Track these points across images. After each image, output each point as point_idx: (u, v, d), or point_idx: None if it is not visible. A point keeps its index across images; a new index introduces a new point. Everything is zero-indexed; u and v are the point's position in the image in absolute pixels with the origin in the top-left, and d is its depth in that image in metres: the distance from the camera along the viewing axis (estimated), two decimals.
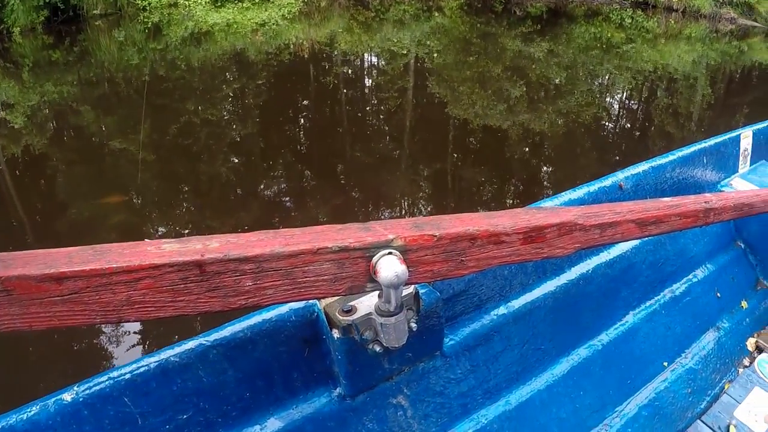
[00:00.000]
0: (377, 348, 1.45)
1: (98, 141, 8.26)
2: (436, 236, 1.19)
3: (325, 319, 1.47)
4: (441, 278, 1.24)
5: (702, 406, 2.32)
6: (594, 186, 2.24)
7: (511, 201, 7.31)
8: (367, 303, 1.42)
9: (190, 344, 1.37)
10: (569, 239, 1.40)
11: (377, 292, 1.29)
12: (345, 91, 11.68)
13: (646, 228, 1.61)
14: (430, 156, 8.48)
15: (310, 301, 1.45)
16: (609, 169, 2.53)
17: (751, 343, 2.63)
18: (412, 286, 1.47)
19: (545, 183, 8.03)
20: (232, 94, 10.60)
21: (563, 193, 2.15)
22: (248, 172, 7.60)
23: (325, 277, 1.10)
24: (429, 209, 7.11)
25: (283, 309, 1.45)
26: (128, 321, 0.99)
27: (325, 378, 1.56)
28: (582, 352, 2.15)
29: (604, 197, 2.25)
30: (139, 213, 6.45)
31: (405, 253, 1.16)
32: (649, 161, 2.52)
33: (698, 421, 2.19)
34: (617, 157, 8.73)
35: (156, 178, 7.16)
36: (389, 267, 1.12)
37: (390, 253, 1.14)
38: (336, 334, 1.44)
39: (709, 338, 2.55)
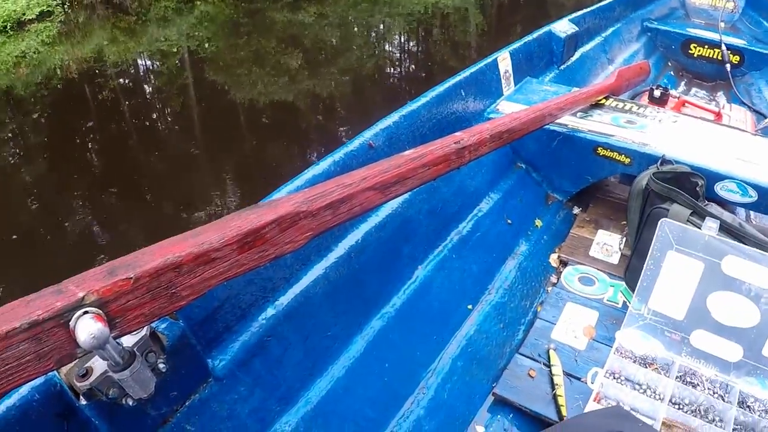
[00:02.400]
0: (130, 402, 1.34)
1: None
2: (132, 278, 1.07)
3: (68, 389, 1.32)
4: (157, 318, 1.14)
5: (518, 338, 2.27)
6: (339, 153, 2.11)
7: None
8: (102, 361, 1.28)
9: None
10: (297, 230, 1.31)
11: None
12: (126, 102, 11.22)
13: (389, 190, 1.53)
14: (227, 145, 8.28)
15: (48, 374, 1.28)
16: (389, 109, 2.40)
17: (554, 259, 2.60)
18: (145, 327, 1.32)
19: (343, 137, 8.01)
20: (10, 136, 9.93)
21: (304, 172, 2.00)
22: (47, 214, 7.12)
23: (27, 357, 0.98)
24: (239, 195, 7.02)
25: (24, 390, 1.28)
26: None
27: None
28: (375, 324, 2.04)
29: (355, 162, 2.11)
30: None
31: (103, 306, 1.04)
32: (400, 109, 2.43)
33: (517, 354, 2.13)
34: (407, 97, 8.80)
35: None
36: (84, 330, 1.00)
37: (85, 313, 1.02)
38: (82, 400, 1.31)
39: (509, 267, 2.51)
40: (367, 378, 1.92)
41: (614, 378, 1.98)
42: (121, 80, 12.48)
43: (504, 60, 3.09)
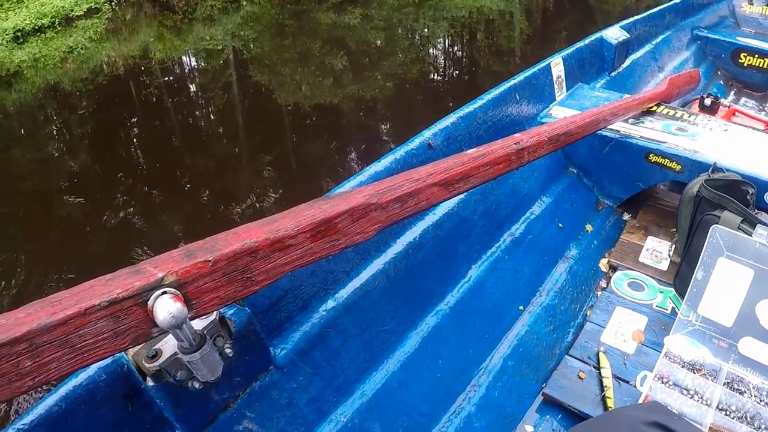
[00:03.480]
0: (197, 385, 1.38)
1: None
2: (210, 261, 1.11)
3: (135, 370, 1.36)
4: (231, 301, 1.17)
5: (568, 340, 2.29)
6: (400, 151, 2.15)
7: (357, 166, 7.30)
8: (171, 342, 1.32)
9: None
10: (367, 222, 1.33)
11: None
12: (171, 100, 11.33)
13: (453, 187, 1.55)
14: (269, 145, 8.34)
15: (117, 355, 1.31)
16: (444, 114, 2.45)
17: (603, 264, 2.61)
18: (214, 312, 1.36)
19: (387, 141, 8.03)
20: (56, 130, 10.08)
21: (367, 168, 2.06)
22: (93, 206, 7.25)
23: (105, 335, 1.00)
24: (279, 195, 7.01)
25: (92, 370, 1.32)
26: None
27: (160, 426, 1.44)
28: (430, 321, 2.08)
29: (414, 161, 2.16)
30: None
31: (182, 287, 1.08)
32: (458, 111, 2.47)
33: (567, 356, 2.15)
34: (451, 104, 8.80)
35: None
36: (163, 309, 1.03)
37: (164, 293, 1.05)
38: (149, 382, 1.35)
39: (560, 270, 2.52)
40: (421, 373, 1.95)
41: (663, 382, 1.99)
42: (166, 78, 12.58)
43: (557, 65, 3.11)
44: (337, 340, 1.81)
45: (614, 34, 3.67)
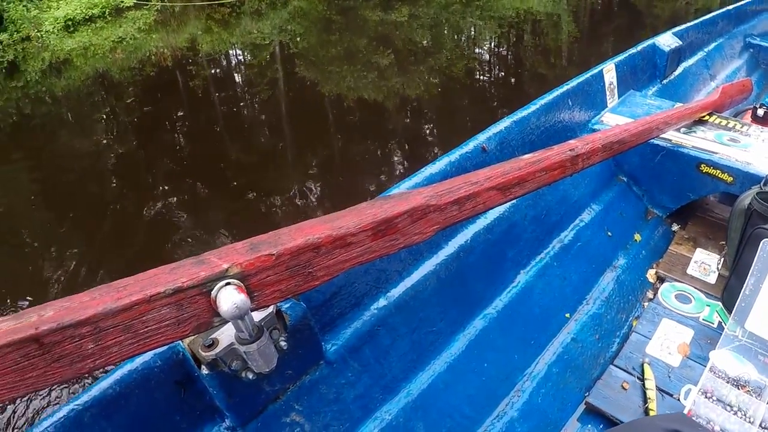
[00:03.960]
0: (250, 375, 1.40)
1: None
2: (274, 255, 1.13)
3: (191, 358, 1.40)
4: (291, 295, 1.19)
5: (613, 350, 2.28)
6: (455, 154, 2.17)
7: (401, 167, 7.31)
8: (228, 333, 1.36)
9: (63, 412, 1.28)
10: (425, 223, 1.34)
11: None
12: (217, 92, 11.44)
13: (509, 191, 1.56)
14: (313, 140, 8.40)
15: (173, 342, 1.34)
16: (489, 116, 2.47)
17: (651, 274, 2.59)
18: (271, 305, 1.38)
19: (431, 142, 8.02)
20: (104, 118, 10.24)
21: (422, 170, 2.07)
22: (136, 195, 7.36)
23: (167, 322, 1.04)
24: (321, 193, 7.04)
25: (147, 356, 1.36)
26: None
27: (210, 414, 1.48)
28: (478, 324, 2.09)
29: (469, 164, 2.17)
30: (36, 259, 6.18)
31: (245, 279, 1.10)
32: (512, 116, 2.47)
33: (611, 366, 2.14)
34: (495, 103, 8.79)
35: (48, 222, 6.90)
36: (227, 299, 1.06)
37: (228, 284, 1.08)
38: (204, 370, 1.38)
39: (608, 279, 2.51)
40: (467, 375, 1.97)
41: (706, 397, 1.98)
42: (212, 70, 12.69)
43: (609, 72, 3.09)
44: (386, 338, 1.83)
45: (667, 41, 3.64)
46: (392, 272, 1.90)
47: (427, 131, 8.55)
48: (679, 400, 1.99)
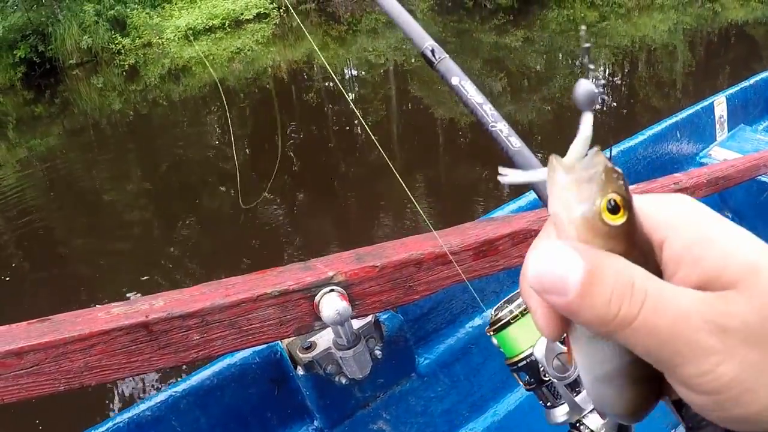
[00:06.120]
0: (343, 380, 1.48)
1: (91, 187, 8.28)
2: (378, 266, 1.19)
3: (288, 358, 1.49)
4: (391, 307, 1.25)
5: None
6: None
7: (506, 190, 7.32)
8: (326, 338, 1.44)
9: (161, 397, 1.39)
10: (526, 247, 1.38)
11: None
12: (329, 106, 11.69)
13: None
14: (421, 159, 8.47)
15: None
16: (602, 145, 2.54)
17: None
18: (371, 315, 1.47)
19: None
20: (217, 122, 10.61)
21: (526, 194, 2.11)
22: (245, 199, 7.48)
23: (270, 321, 1.12)
24: (426, 211, 7.06)
25: (246, 352, 1.47)
26: (90, 385, 1.02)
27: (300, 414, 1.59)
28: None
29: None
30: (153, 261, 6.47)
31: (348, 287, 1.16)
32: (618, 145, 2.49)
33: None
34: (604, 134, 8.71)
35: (157, 218, 7.28)
36: (330, 305, 1.12)
37: (332, 291, 1.15)
38: (300, 371, 1.47)
39: None
40: None
41: None
42: (326, 84, 12.93)
43: (720, 104, 3.03)
44: (478, 357, 1.88)
45: None
46: (490, 292, 1.93)
47: (538, 157, 8.54)
48: None
